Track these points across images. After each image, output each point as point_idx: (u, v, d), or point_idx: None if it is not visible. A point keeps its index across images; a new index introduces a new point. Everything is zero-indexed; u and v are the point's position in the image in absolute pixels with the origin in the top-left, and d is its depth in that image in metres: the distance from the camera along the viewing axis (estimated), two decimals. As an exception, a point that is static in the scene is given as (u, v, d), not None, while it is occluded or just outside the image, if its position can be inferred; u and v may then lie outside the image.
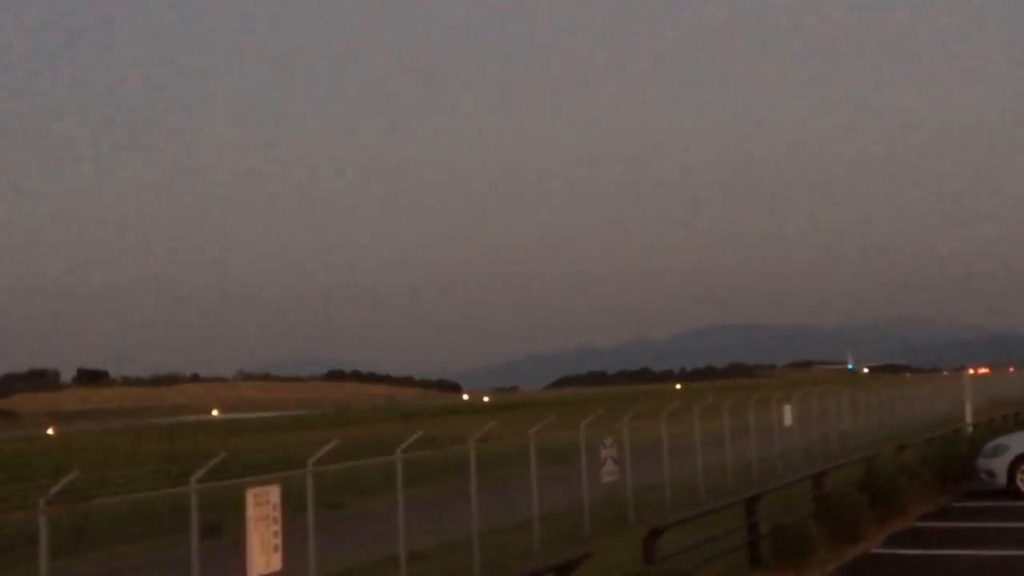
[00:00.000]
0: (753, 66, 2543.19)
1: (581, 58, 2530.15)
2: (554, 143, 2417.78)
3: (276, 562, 14.13)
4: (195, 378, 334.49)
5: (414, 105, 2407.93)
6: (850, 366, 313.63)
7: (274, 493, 14.20)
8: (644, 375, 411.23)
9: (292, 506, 15.49)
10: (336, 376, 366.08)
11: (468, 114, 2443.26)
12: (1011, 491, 26.34)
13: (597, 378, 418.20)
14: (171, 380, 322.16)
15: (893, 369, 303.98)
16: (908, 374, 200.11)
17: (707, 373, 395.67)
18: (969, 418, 45.30)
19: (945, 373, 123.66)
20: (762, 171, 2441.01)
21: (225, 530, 22.18)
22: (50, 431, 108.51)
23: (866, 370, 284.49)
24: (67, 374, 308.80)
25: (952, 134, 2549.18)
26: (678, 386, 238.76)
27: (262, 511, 13.96)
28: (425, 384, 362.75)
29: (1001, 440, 28.26)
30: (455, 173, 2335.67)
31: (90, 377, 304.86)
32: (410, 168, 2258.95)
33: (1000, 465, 26.94)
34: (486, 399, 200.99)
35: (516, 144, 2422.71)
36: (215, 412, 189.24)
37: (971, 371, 74.72)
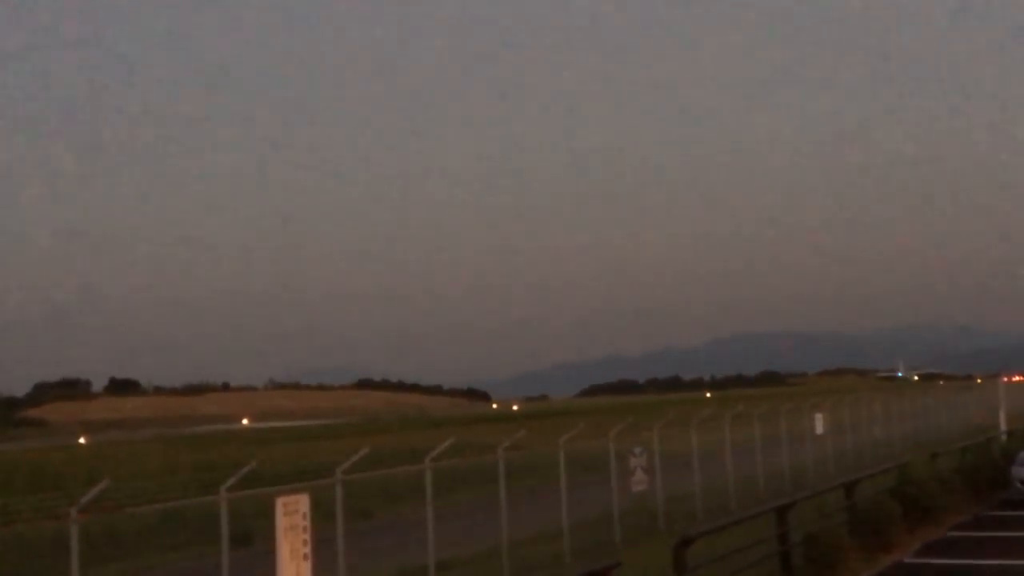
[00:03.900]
0: (788, 66, 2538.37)
1: (599, 60, 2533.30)
2: (579, 149, 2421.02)
3: (306, 571, 14.15)
4: (225, 387, 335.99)
5: (433, 108, 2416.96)
6: (900, 373, 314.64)
7: (304, 502, 14.23)
8: (674, 383, 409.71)
9: (322, 515, 15.54)
10: (365, 385, 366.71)
11: (490, 119, 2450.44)
12: (1046, 500, 26.10)
13: (627, 386, 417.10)
14: (202, 389, 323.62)
15: (929, 377, 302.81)
16: (941, 381, 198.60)
17: (738, 381, 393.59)
18: (1003, 426, 44.89)
19: (979, 380, 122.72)
20: (792, 177, 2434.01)
21: (255, 539, 22.29)
22: (82, 440, 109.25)
23: (915, 377, 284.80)
24: (99, 383, 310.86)
25: (988, 139, 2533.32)
26: (708, 394, 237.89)
27: (292, 520, 13.99)
28: (454, 393, 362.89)
29: (1036, 448, 27.99)
30: (481, 181, 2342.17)
31: (121, 386, 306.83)
32: (435, 176, 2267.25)
33: (1035, 474, 26.68)
34: (515, 408, 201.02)
35: (542, 150, 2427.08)
36: (245, 421, 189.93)
37: (1005, 379, 73.89)
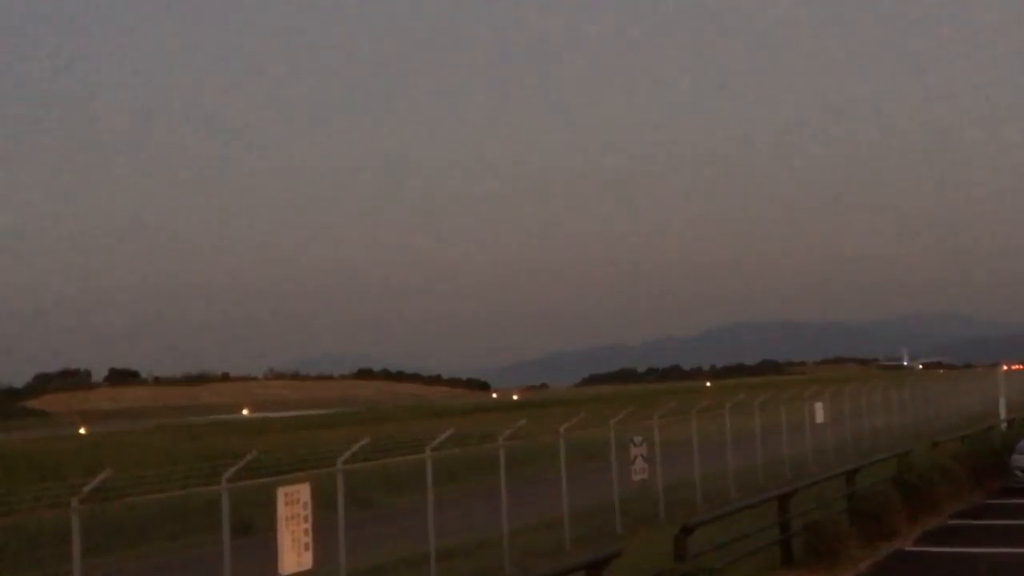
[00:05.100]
0: (784, 59, 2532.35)
1: (597, 53, 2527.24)
2: (580, 140, 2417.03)
3: (307, 560, 14.17)
4: (225, 377, 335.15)
5: (436, 102, 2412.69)
6: (906, 362, 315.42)
7: (304, 491, 14.24)
8: (674, 372, 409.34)
9: (322, 504, 15.54)
10: (365, 374, 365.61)
11: (494, 111, 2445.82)
12: (1046, 488, 26.13)
13: (627, 375, 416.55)
14: (202, 379, 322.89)
15: (930, 365, 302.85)
16: (941, 370, 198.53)
17: (737, 370, 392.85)
18: (1003, 414, 44.94)
19: (979, 369, 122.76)
20: (791, 166, 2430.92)
21: (256, 528, 22.29)
22: (82, 430, 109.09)
23: (920, 366, 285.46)
24: (99, 374, 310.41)
25: (987, 131, 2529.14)
26: (708, 383, 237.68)
27: (293, 509, 14.00)
28: (454, 382, 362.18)
29: (1036, 437, 28.01)
30: (484, 171, 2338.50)
31: (121, 376, 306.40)
32: (438, 166, 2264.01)
33: (1035, 462, 26.71)
34: (515, 397, 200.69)
35: (544, 141, 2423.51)
36: (245, 411, 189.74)
37: (1005, 367, 74.00)
